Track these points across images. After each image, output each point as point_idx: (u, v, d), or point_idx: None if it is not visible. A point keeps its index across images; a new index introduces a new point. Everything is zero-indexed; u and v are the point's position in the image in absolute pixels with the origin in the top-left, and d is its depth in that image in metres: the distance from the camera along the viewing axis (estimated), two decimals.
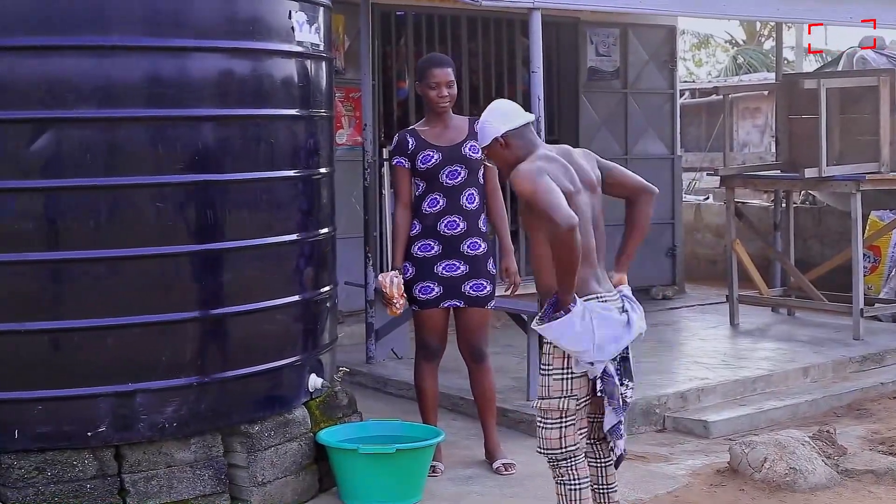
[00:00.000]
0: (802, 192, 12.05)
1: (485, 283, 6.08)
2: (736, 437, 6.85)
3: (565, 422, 4.67)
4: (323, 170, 5.88)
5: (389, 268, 6.13)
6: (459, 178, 6.02)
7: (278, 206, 5.54)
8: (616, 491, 5.04)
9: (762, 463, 6.02)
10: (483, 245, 6.09)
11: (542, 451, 4.74)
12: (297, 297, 5.65)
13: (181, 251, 5.17)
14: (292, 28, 5.53)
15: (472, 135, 5.99)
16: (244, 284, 5.40)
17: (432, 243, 6.04)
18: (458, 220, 6.02)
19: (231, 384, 5.35)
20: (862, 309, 9.15)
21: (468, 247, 6.04)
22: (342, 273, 6.48)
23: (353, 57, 9.19)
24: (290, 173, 5.60)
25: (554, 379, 4.66)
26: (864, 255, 9.97)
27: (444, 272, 6.04)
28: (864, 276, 9.93)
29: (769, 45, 30.92)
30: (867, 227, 10.59)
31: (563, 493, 4.74)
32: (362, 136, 8.38)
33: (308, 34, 5.64)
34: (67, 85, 4.91)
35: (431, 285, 6.03)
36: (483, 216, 6.13)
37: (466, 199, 6.05)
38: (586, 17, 10.98)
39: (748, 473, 6.06)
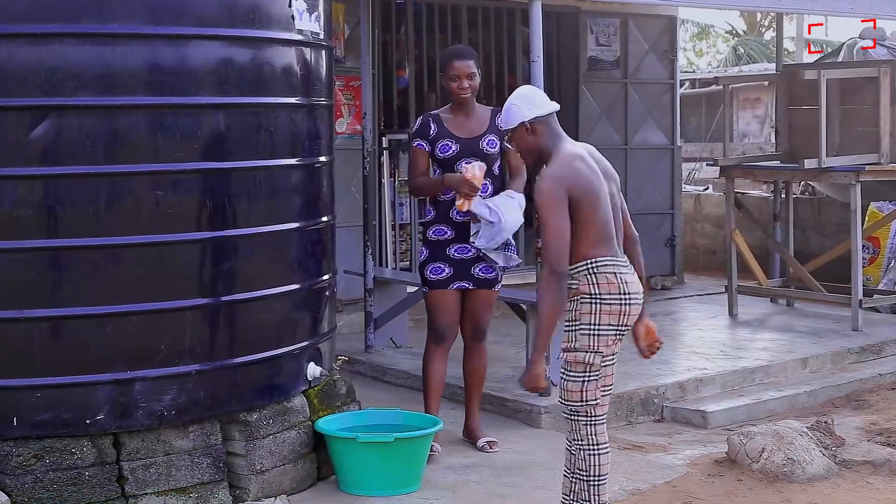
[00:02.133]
0: (802, 183, 12.05)
1: (493, 266, 6.17)
2: (734, 428, 6.85)
3: (588, 376, 4.79)
4: (322, 158, 5.88)
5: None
6: None
7: (278, 194, 5.54)
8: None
9: (760, 453, 6.03)
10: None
11: (563, 402, 4.87)
12: (296, 286, 5.65)
13: (180, 239, 5.16)
14: (292, 16, 5.52)
15: (493, 128, 6.15)
16: (243, 272, 5.40)
17: (446, 228, 6.17)
18: None
19: (230, 372, 5.36)
20: (861, 300, 9.16)
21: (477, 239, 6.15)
22: (341, 261, 6.48)
23: (353, 45, 9.17)
24: (290, 162, 5.59)
25: (581, 333, 4.79)
26: (864, 246, 9.96)
27: (455, 254, 6.15)
28: (863, 267, 9.93)
29: (769, 35, 30.88)
30: (866, 219, 10.59)
31: (583, 458, 4.82)
32: (362, 125, 8.37)
33: (308, 22, 5.63)
34: (67, 72, 4.91)
35: (443, 266, 6.14)
36: None
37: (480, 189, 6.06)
38: (587, 6, 10.97)
39: (746, 464, 6.06)
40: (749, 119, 21.58)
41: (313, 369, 5.77)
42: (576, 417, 4.82)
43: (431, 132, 6.17)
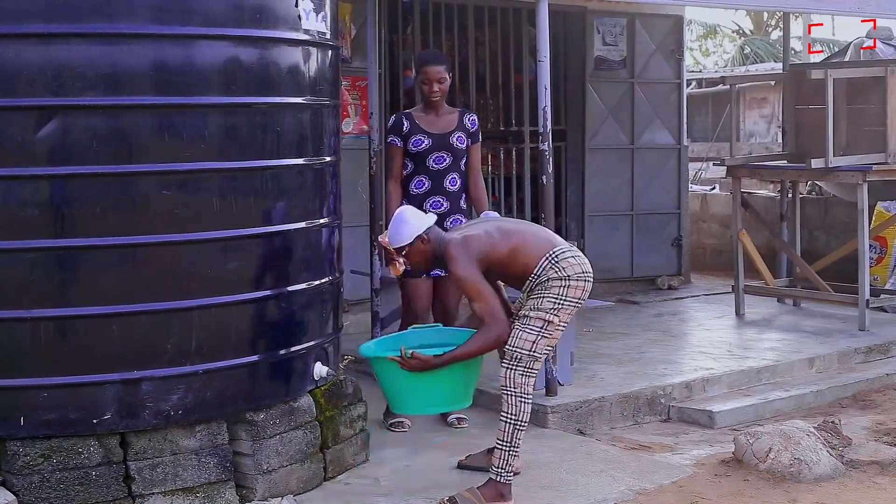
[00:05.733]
0: (809, 183, 12.03)
1: None
2: (741, 428, 6.85)
3: (544, 332, 5.38)
4: (329, 158, 5.88)
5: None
6: (445, 164, 6.63)
7: (284, 194, 5.54)
8: None
9: (767, 453, 6.03)
10: (463, 220, 6.55)
11: (511, 348, 5.39)
12: (303, 285, 5.65)
13: (187, 239, 5.17)
14: (299, 16, 5.52)
15: (461, 127, 6.68)
16: (250, 272, 5.40)
17: None
18: (441, 200, 6.63)
19: (237, 372, 5.36)
20: (868, 300, 9.15)
21: (450, 223, 6.55)
22: (348, 261, 6.48)
23: (359, 45, 9.18)
24: (297, 161, 5.59)
25: (547, 301, 5.39)
26: (871, 245, 9.95)
27: None
28: (870, 266, 9.91)
29: (776, 35, 30.88)
30: (873, 218, 10.58)
31: (513, 404, 5.38)
32: (368, 125, 8.37)
33: (315, 22, 5.64)
34: (74, 72, 4.91)
35: None
36: (463, 196, 6.72)
37: (449, 182, 6.68)
38: (593, 6, 10.97)
39: (753, 464, 6.06)
40: (756, 119, 21.58)
41: (320, 369, 5.78)
42: (515, 365, 5.36)
43: (405, 129, 6.66)
